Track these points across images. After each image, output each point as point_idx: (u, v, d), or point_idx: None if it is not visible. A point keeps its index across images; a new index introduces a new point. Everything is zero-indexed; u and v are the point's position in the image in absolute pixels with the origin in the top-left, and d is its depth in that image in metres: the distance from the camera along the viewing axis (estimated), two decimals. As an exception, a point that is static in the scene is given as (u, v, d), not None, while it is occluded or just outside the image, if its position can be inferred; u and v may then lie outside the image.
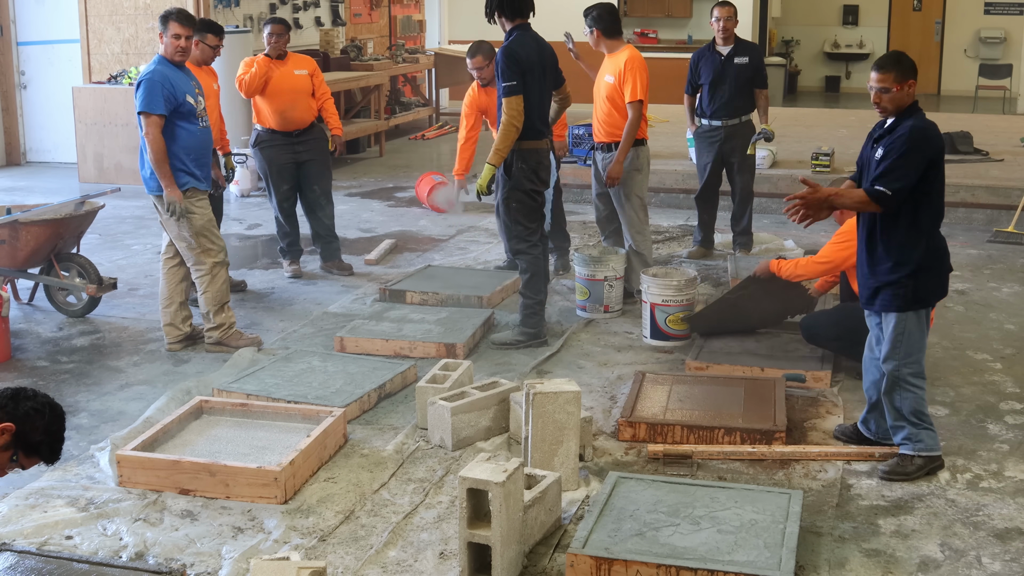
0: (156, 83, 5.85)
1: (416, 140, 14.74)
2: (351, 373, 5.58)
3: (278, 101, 7.49)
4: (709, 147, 8.03)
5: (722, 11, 7.82)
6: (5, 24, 12.34)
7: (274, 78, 7.49)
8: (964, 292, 7.28)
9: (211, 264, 6.07)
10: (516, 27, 6.05)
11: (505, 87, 5.86)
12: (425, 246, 8.70)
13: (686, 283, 6.22)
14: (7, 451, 3.37)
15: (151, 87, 5.84)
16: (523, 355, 6.04)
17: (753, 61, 7.94)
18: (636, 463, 4.71)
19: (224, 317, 6.13)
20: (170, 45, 5.96)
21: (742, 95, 7.92)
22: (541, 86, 6.03)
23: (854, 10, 20.75)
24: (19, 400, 3.40)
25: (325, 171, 7.76)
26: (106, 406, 5.41)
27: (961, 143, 10.85)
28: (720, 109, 7.91)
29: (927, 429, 4.58)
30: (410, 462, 4.72)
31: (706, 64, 7.94)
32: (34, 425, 3.39)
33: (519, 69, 5.87)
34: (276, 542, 4.03)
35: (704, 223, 8.24)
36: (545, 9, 8.45)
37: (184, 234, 6.01)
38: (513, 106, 5.84)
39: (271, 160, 7.56)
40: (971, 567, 3.87)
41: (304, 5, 13.13)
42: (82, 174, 11.39)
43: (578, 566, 3.71)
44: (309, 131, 7.62)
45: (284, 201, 7.64)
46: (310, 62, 7.75)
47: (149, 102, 5.82)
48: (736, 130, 7.96)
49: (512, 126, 5.85)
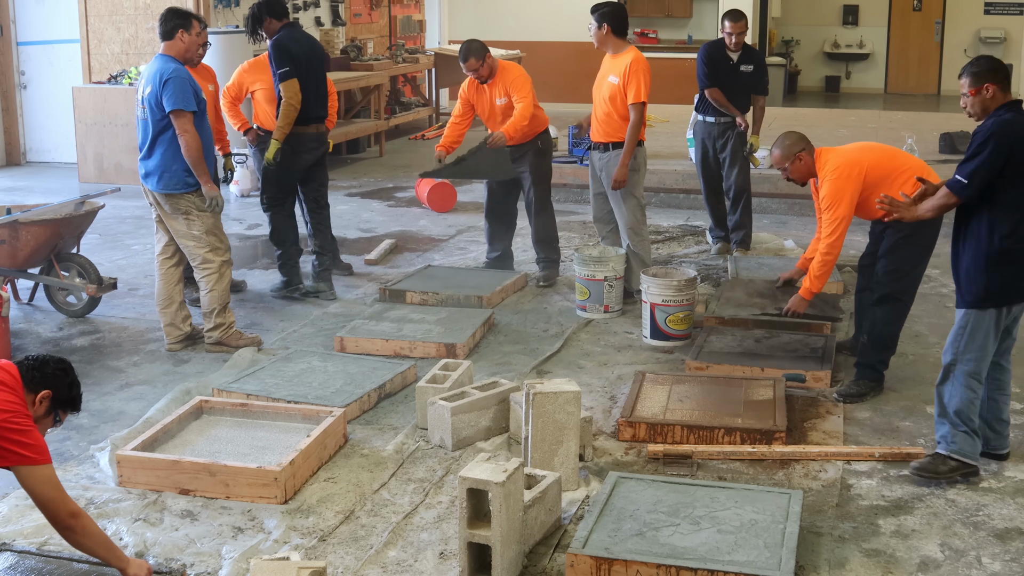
0: (185, 80, 5.86)
1: (416, 140, 14.74)
2: (351, 373, 5.58)
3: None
4: (704, 142, 8.23)
5: (735, 27, 7.96)
6: (5, 24, 12.34)
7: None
8: (964, 292, 7.28)
9: (219, 263, 6.07)
10: (284, 26, 6.98)
11: (280, 74, 6.81)
12: (425, 246, 8.70)
13: (686, 283, 6.23)
14: (50, 415, 3.71)
15: (183, 84, 5.83)
16: (523, 355, 6.04)
17: (757, 69, 8.17)
18: (636, 463, 4.71)
19: (225, 317, 6.14)
20: (193, 45, 5.99)
21: (742, 98, 8.13)
22: (313, 76, 7.00)
23: (854, 10, 20.75)
24: (43, 367, 3.71)
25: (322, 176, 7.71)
26: (106, 406, 5.41)
27: (961, 143, 10.83)
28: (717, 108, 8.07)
29: (967, 434, 4.46)
30: (410, 462, 4.72)
31: (717, 64, 8.05)
32: (63, 383, 3.73)
33: (289, 57, 6.81)
34: (276, 542, 4.03)
35: (718, 221, 8.37)
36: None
37: (194, 232, 6.00)
38: (290, 89, 6.79)
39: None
40: (971, 567, 3.87)
41: (304, 5, 13.13)
42: (82, 174, 11.39)
43: (578, 566, 3.71)
44: None
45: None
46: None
47: (185, 99, 5.81)
48: (729, 126, 8.12)
49: (291, 106, 6.82)
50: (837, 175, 5.29)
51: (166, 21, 5.99)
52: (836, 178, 5.29)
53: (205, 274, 6.08)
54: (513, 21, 17.86)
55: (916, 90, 20.53)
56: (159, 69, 5.90)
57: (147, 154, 6.00)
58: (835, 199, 5.29)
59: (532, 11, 17.87)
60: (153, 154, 5.96)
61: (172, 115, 5.82)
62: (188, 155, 5.86)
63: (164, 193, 5.97)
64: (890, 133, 12.23)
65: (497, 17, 18.02)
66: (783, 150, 5.45)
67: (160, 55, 6.00)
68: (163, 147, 5.93)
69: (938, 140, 11.04)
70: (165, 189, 5.96)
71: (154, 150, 5.96)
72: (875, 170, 5.31)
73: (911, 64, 20.65)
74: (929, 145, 10.96)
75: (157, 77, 5.87)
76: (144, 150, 6.02)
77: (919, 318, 6.68)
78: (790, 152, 5.43)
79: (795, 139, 5.48)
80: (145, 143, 6.00)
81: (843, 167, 5.29)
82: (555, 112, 16.26)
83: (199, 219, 6.00)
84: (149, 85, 5.90)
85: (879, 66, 20.89)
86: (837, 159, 5.34)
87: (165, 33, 5.98)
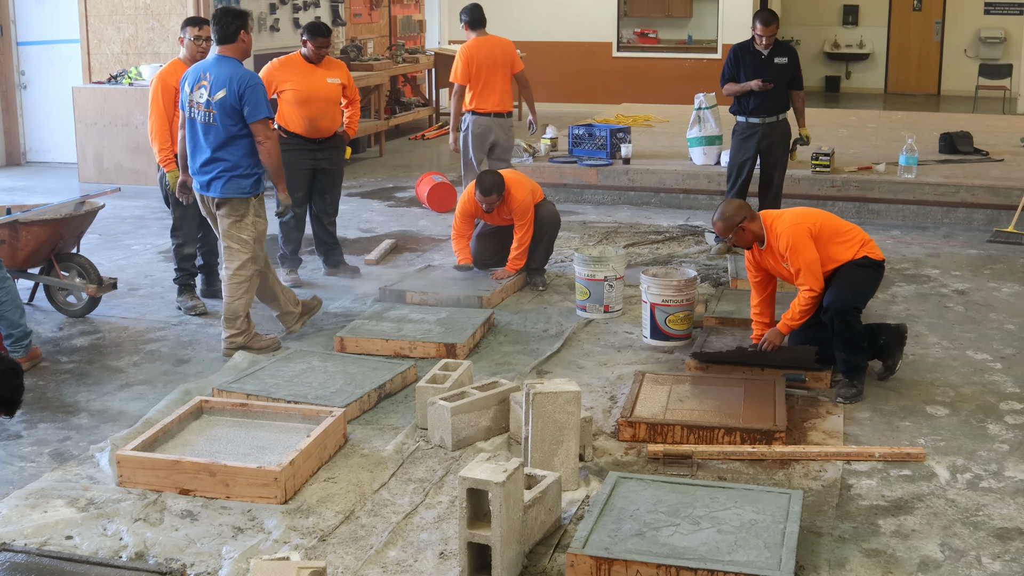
0: (262, 87, 5.85)
1: (416, 140, 14.75)
2: (351, 373, 5.58)
3: (309, 108, 7.35)
4: (748, 144, 8.18)
5: (766, 30, 7.93)
6: (5, 24, 12.34)
7: (307, 85, 7.35)
8: (964, 292, 7.28)
9: (254, 271, 6.02)
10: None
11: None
12: (425, 246, 8.70)
13: (686, 283, 6.23)
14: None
15: (263, 92, 5.82)
16: (523, 355, 6.04)
17: (792, 61, 8.14)
18: (636, 463, 4.71)
19: (248, 324, 6.10)
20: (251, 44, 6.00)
21: (781, 94, 8.11)
22: None
23: (854, 10, 20.75)
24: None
25: (339, 181, 7.74)
26: (106, 406, 5.41)
27: (961, 143, 10.84)
28: (760, 107, 8.05)
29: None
30: (410, 462, 4.72)
31: (748, 62, 8.05)
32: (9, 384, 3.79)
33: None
34: (276, 542, 4.03)
35: None
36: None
37: (243, 236, 5.94)
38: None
39: (291, 164, 7.39)
40: (971, 567, 3.87)
41: (304, 5, 13.13)
42: (82, 174, 11.39)
43: (578, 566, 3.71)
44: (331, 139, 7.54)
45: (296, 207, 7.55)
46: (343, 70, 7.61)
47: (267, 106, 5.81)
48: (775, 127, 8.14)
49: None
50: (790, 233, 5.43)
51: (226, 23, 5.83)
52: (791, 236, 5.43)
53: (238, 280, 5.99)
54: (513, 21, 17.84)
55: (916, 90, 20.53)
56: (233, 75, 5.77)
57: (210, 159, 5.88)
58: (796, 248, 5.42)
59: (532, 11, 17.86)
60: (220, 160, 5.86)
61: (257, 124, 5.76)
62: (271, 161, 5.83)
63: (227, 197, 5.90)
64: (890, 133, 12.24)
65: (497, 17, 17.94)
66: (725, 221, 5.48)
67: (224, 57, 5.86)
68: (232, 152, 5.85)
69: (938, 140, 11.04)
70: (231, 193, 5.89)
71: (220, 155, 5.86)
72: (827, 227, 5.54)
73: (911, 64, 20.65)
74: (929, 145, 10.97)
75: (234, 84, 5.75)
76: (208, 155, 5.89)
77: (919, 318, 6.68)
78: (732, 223, 5.46)
79: (735, 209, 5.52)
80: (210, 148, 5.87)
81: (797, 226, 5.45)
82: (555, 112, 16.34)
83: (253, 225, 5.96)
84: (222, 89, 5.75)
85: (879, 66, 20.89)
86: (786, 219, 5.51)
87: (227, 36, 5.84)
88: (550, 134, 11.10)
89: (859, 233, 5.62)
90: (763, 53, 8.01)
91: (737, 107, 8.17)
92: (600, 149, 10.59)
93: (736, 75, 8.08)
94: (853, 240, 5.55)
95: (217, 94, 5.78)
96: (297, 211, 7.52)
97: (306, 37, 7.39)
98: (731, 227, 5.49)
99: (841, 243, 5.53)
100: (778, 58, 8.05)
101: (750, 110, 8.09)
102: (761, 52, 8.02)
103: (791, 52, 8.21)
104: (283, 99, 7.41)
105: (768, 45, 7.99)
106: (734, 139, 8.29)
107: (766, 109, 8.07)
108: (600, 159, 10.53)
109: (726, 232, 5.52)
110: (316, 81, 7.38)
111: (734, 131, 8.29)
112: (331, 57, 7.74)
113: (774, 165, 8.22)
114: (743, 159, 8.21)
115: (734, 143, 8.29)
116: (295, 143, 7.39)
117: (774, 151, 8.19)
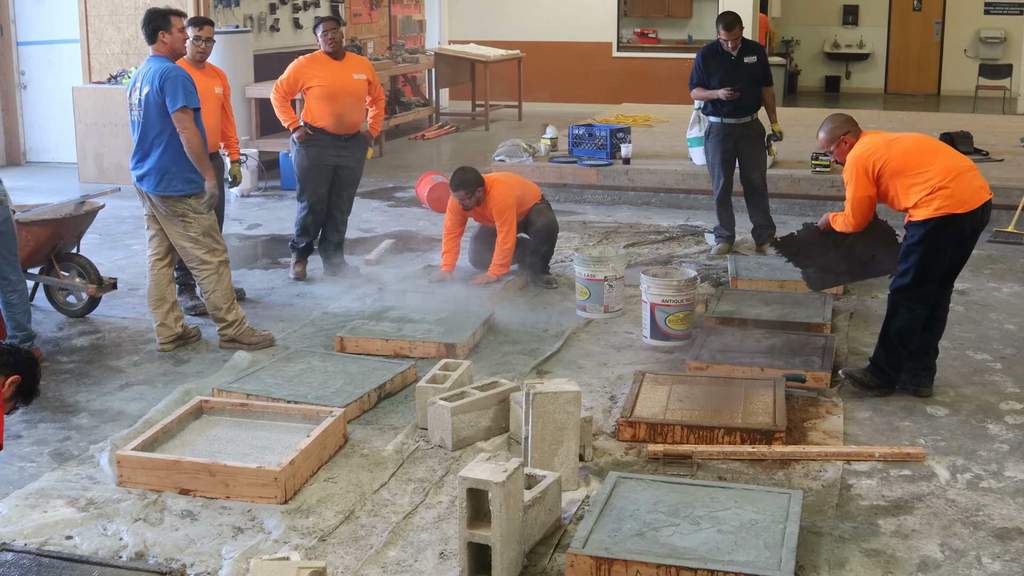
0: (184, 77, 5.86)
1: (416, 140, 14.74)
2: (351, 373, 5.58)
3: (336, 104, 7.38)
4: (723, 145, 8.13)
5: (729, 35, 7.91)
6: (5, 24, 12.34)
7: (334, 80, 7.37)
8: (964, 292, 7.28)
9: (217, 263, 6.07)
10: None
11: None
12: (425, 246, 8.70)
13: (686, 283, 6.23)
14: (11, 401, 3.82)
15: (187, 82, 5.84)
16: (523, 355, 6.04)
17: (760, 60, 8.12)
18: (636, 463, 4.71)
19: (235, 314, 6.14)
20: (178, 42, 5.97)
21: (753, 93, 8.08)
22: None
23: (854, 10, 20.75)
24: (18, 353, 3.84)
25: (357, 180, 7.74)
26: (106, 406, 5.41)
27: (961, 143, 10.82)
28: (732, 107, 8.02)
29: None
30: (410, 462, 4.72)
31: (717, 64, 8.03)
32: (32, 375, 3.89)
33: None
34: (276, 542, 4.03)
35: (727, 223, 8.32)
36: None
37: (191, 234, 6.00)
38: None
39: (316, 159, 7.43)
40: (971, 567, 3.87)
41: (304, 5, 13.13)
42: (82, 174, 11.39)
43: (578, 566, 3.71)
44: (355, 136, 7.57)
45: (319, 203, 7.53)
46: (367, 66, 7.64)
47: (188, 96, 5.82)
48: (748, 128, 8.11)
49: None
50: (850, 162, 5.35)
51: (146, 25, 5.96)
52: (849, 165, 5.36)
53: (205, 275, 6.07)
54: (513, 21, 17.85)
55: (916, 90, 20.53)
56: (155, 69, 5.88)
57: (143, 155, 5.99)
58: (846, 182, 5.39)
59: (532, 11, 17.86)
60: (150, 155, 5.95)
61: (176, 113, 5.80)
62: (191, 150, 5.84)
63: (161, 196, 5.97)
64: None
65: (497, 17, 18.01)
66: (828, 133, 5.44)
67: (151, 56, 5.99)
68: (161, 148, 5.92)
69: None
70: (164, 192, 5.95)
71: (151, 151, 5.95)
72: (893, 163, 5.24)
73: (911, 64, 20.65)
74: (929, 145, 10.95)
75: (155, 77, 5.85)
76: (139, 151, 6.01)
77: (919, 318, 6.68)
78: (834, 135, 5.42)
79: (840, 122, 5.47)
80: (141, 144, 5.99)
81: (857, 158, 5.31)
82: (555, 112, 16.35)
83: (196, 221, 5.99)
84: (147, 86, 5.88)
85: (879, 66, 20.89)
86: (858, 148, 5.35)
87: (148, 37, 5.97)
88: (550, 134, 11.10)
89: (936, 173, 5.15)
90: (732, 54, 8.00)
91: (711, 108, 8.14)
92: (600, 149, 10.59)
93: (704, 79, 8.05)
94: (923, 182, 5.14)
95: (143, 90, 5.90)
96: (319, 207, 7.53)
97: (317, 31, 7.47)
98: (833, 139, 5.43)
99: (908, 183, 5.19)
100: (747, 57, 8.03)
101: (724, 112, 8.05)
102: (730, 54, 8.00)
103: (759, 50, 8.22)
104: (310, 95, 7.43)
105: (736, 47, 7.97)
106: (709, 141, 8.25)
107: (739, 110, 8.03)
108: (600, 159, 10.53)
109: (828, 144, 5.44)
110: (343, 77, 7.42)
111: (707, 132, 8.26)
112: (356, 55, 7.79)
113: (753, 166, 8.16)
114: (719, 159, 8.17)
115: (709, 145, 8.25)
116: (321, 139, 7.43)
117: (751, 151, 8.14)
